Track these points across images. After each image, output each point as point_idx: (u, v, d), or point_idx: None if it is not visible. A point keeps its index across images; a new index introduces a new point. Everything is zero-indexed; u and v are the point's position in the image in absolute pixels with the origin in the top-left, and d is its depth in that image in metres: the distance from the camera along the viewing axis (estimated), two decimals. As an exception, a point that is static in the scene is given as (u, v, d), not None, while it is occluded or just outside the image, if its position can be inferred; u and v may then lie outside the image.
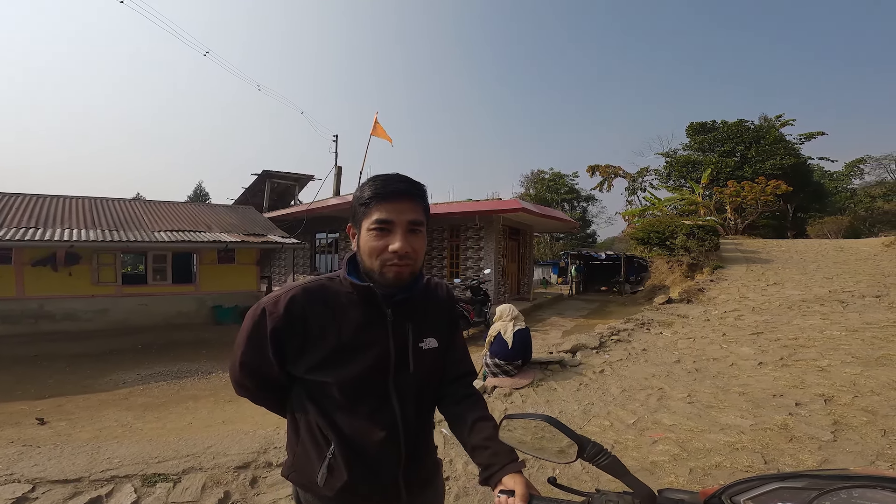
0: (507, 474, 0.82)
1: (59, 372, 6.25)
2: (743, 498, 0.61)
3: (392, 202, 0.86)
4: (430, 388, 0.99)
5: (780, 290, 8.70)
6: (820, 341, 5.12)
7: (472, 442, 0.92)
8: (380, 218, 0.85)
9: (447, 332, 1.02)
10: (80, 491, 2.17)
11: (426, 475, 1.02)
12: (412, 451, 0.94)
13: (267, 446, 2.65)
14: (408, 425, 0.93)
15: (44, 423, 4.25)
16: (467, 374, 1.05)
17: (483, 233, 12.04)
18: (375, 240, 0.86)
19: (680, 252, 13.23)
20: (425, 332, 0.96)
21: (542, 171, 37.89)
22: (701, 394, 3.76)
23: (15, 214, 9.15)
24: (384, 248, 0.85)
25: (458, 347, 1.06)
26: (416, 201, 0.88)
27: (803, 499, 0.55)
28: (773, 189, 21.68)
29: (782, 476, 0.61)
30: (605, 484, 2.30)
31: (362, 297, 0.90)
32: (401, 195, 0.87)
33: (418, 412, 0.96)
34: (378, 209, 0.85)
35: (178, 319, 10.18)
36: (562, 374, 4.53)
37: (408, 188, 0.88)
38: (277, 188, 19.27)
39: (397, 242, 0.85)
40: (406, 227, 0.86)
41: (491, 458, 0.86)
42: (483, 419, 0.95)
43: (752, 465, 2.52)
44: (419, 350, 0.94)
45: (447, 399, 1.01)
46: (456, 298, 1.38)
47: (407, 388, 0.93)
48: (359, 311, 0.90)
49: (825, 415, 3.16)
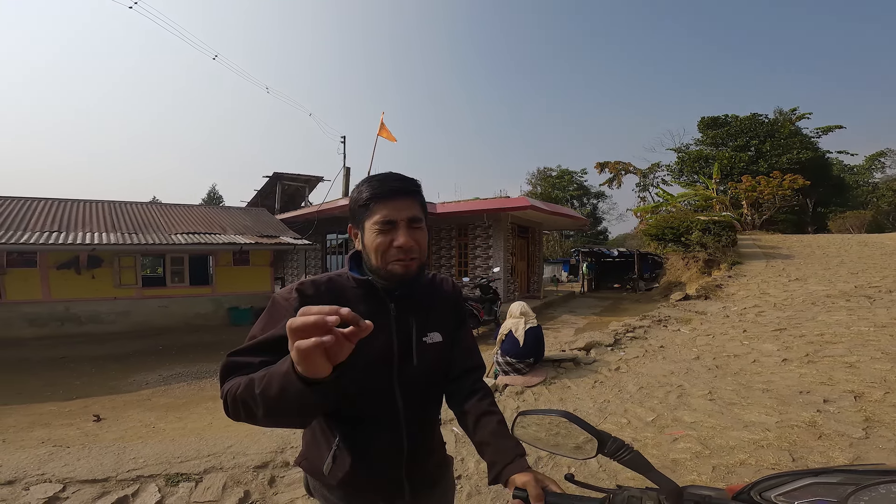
0: (514, 472, 0.81)
1: (86, 374, 6.44)
2: (774, 494, 0.59)
3: (390, 201, 0.88)
4: (435, 382, 0.99)
5: (803, 286, 8.46)
6: (847, 337, 4.96)
7: (477, 438, 0.92)
8: (380, 218, 0.87)
9: (453, 326, 1.02)
10: (107, 490, 2.22)
11: (432, 472, 1.02)
12: (415, 446, 0.94)
13: (284, 446, 2.68)
14: (410, 420, 0.93)
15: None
16: (475, 368, 1.04)
17: (491, 231, 11.98)
18: (380, 238, 0.87)
19: (696, 248, 12.98)
20: (429, 326, 0.96)
21: (549, 168, 37.58)
22: (722, 391, 3.67)
23: (39, 218, 9.43)
24: (389, 244, 0.87)
25: (465, 342, 1.05)
26: (413, 198, 0.90)
27: (839, 494, 0.53)
28: (791, 183, 21.14)
29: (815, 471, 0.59)
30: (623, 481, 2.28)
31: (365, 292, 0.92)
32: (398, 193, 0.89)
33: (422, 407, 0.96)
34: (378, 209, 0.87)
35: (195, 321, 10.40)
36: (575, 371, 4.48)
37: (404, 186, 0.90)
38: (288, 190, 19.51)
39: (401, 238, 0.87)
40: (407, 224, 0.88)
41: (495, 456, 0.86)
42: (487, 414, 0.94)
43: (778, 463, 2.45)
44: (423, 344, 0.94)
45: (455, 395, 1.01)
46: (463, 294, 1.37)
47: (411, 383, 0.93)
48: (363, 305, 0.91)
49: (855, 411, 3.06)
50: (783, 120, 29.25)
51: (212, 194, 41.40)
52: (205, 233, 10.44)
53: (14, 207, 9.79)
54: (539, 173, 37.73)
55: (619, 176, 34.40)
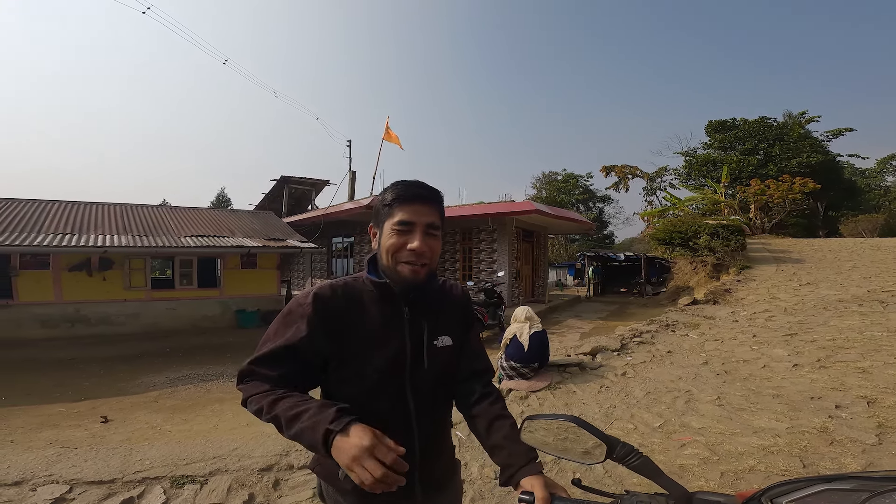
0: (525, 476, 0.81)
1: (95, 375, 6.51)
2: (785, 500, 0.57)
3: (413, 205, 0.91)
4: (445, 385, 1.01)
5: (815, 290, 8.33)
6: (860, 342, 4.87)
7: (490, 442, 0.93)
8: (401, 219, 0.90)
9: (462, 330, 1.04)
10: (113, 492, 2.24)
11: (443, 474, 1.03)
12: (426, 449, 0.95)
13: (289, 449, 2.69)
14: (422, 423, 0.94)
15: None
16: (484, 371, 1.06)
17: (496, 235, 11.96)
18: (395, 238, 0.91)
19: (704, 252, 12.85)
20: (440, 330, 0.98)
21: (555, 172, 37.39)
22: (731, 396, 3.62)
23: (52, 221, 9.57)
24: (403, 245, 0.90)
25: (473, 345, 1.07)
26: (434, 206, 0.94)
27: (853, 501, 0.52)
28: (801, 187, 20.86)
29: (828, 478, 0.57)
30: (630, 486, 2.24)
31: (381, 295, 0.94)
32: (421, 199, 0.93)
33: (433, 409, 0.98)
34: (400, 211, 0.91)
35: (203, 323, 10.49)
36: (581, 376, 4.44)
37: (428, 193, 0.94)
38: (295, 193, 19.66)
39: (416, 241, 0.89)
40: (424, 229, 0.91)
41: (508, 459, 0.87)
42: (501, 418, 0.95)
43: (789, 469, 2.41)
44: (434, 347, 0.96)
45: (465, 397, 1.02)
46: (471, 300, 1.39)
47: (422, 386, 0.94)
48: (378, 308, 0.94)
49: (868, 417, 3.00)
50: (792, 123, 28.95)
51: (220, 197, 41.88)
52: (214, 235, 10.55)
53: (28, 210, 9.97)
54: (544, 177, 37.59)
55: (626, 180, 34.21)
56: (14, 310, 8.78)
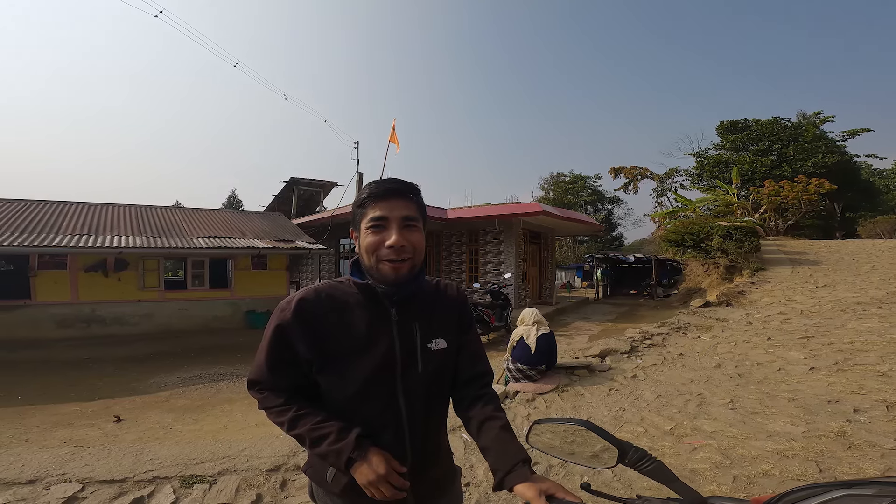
0: (516, 482, 0.77)
1: (108, 375, 6.63)
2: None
3: (386, 200, 0.89)
4: (440, 389, 0.98)
5: (832, 293, 8.13)
6: (879, 345, 4.74)
7: (482, 443, 0.90)
8: (374, 216, 0.89)
9: (457, 332, 1.00)
10: (124, 491, 2.26)
11: (438, 480, 1.00)
12: (419, 454, 0.92)
13: (297, 449, 2.69)
14: (414, 427, 0.92)
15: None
16: (482, 374, 1.03)
17: (503, 237, 11.92)
18: (372, 236, 0.89)
19: (717, 254, 12.66)
20: (434, 332, 0.95)
21: (562, 173, 37.09)
22: (745, 399, 3.54)
23: (69, 222, 9.78)
24: (380, 243, 0.88)
25: (471, 347, 1.03)
26: (408, 199, 0.92)
27: None
28: (817, 188, 20.41)
29: (848, 483, 0.55)
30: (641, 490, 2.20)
31: (366, 297, 0.92)
32: (394, 193, 0.91)
33: (427, 414, 0.95)
34: (373, 208, 0.90)
35: (214, 324, 10.62)
36: (589, 379, 4.38)
37: (400, 187, 0.92)
38: (304, 195, 19.86)
39: (393, 236, 0.87)
40: (400, 222, 0.88)
41: (496, 462, 0.84)
42: (491, 418, 0.92)
43: (804, 474, 2.35)
44: (427, 350, 0.93)
45: (462, 401, 0.99)
46: (471, 300, 1.37)
47: (415, 389, 0.92)
48: (364, 311, 0.92)
49: (888, 421, 2.91)
50: (807, 123, 28.37)
51: (232, 198, 42.44)
52: (225, 237, 10.69)
53: (46, 211, 10.21)
54: (552, 178, 37.35)
55: (636, 181, 33.83)
56: (32, 310, 8.98)
